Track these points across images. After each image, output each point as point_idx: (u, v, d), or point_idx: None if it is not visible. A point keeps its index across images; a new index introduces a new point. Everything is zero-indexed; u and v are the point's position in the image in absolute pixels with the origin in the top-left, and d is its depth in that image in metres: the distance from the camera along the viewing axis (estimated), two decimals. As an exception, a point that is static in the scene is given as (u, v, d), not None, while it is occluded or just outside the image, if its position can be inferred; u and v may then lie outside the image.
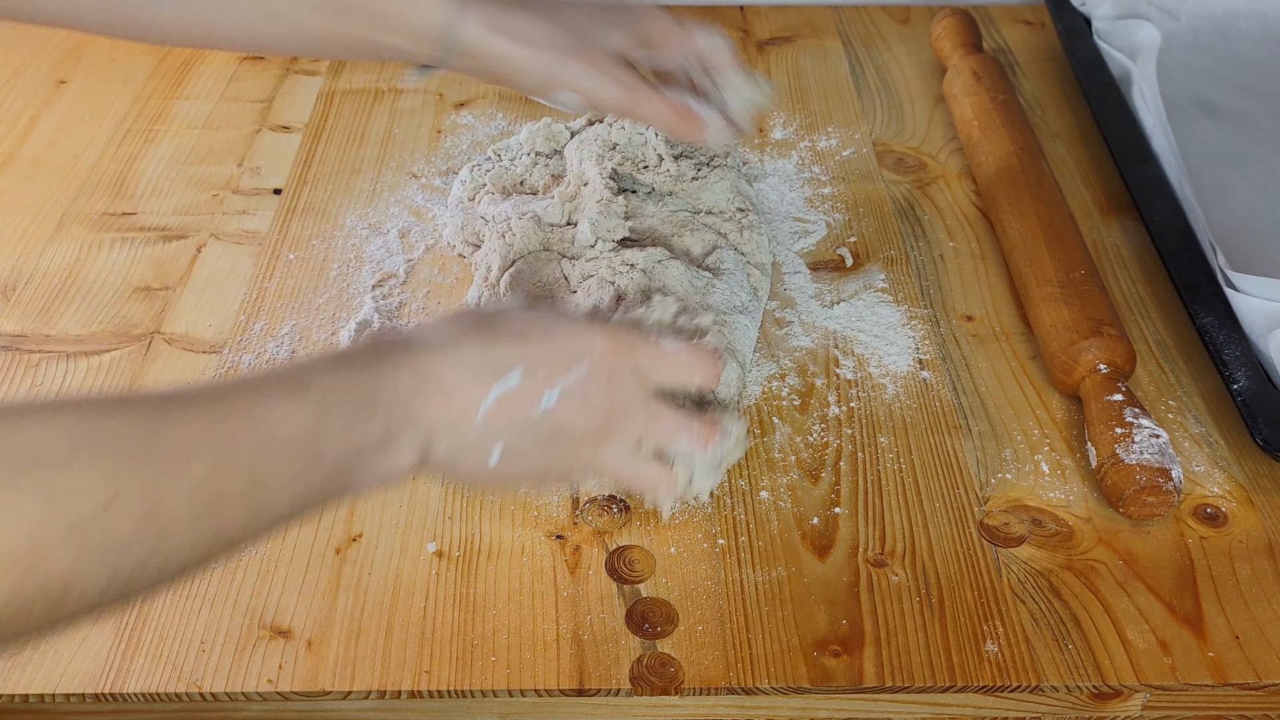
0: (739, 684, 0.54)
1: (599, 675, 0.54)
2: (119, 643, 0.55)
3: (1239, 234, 0.78)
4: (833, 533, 0.60)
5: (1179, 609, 0.57)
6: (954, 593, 0.58)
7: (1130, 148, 0.83)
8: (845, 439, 0.66)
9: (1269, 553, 0.60)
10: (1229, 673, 0.55)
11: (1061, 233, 0.74)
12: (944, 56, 0.97)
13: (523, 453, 0.52)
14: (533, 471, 0.54)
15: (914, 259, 0.79)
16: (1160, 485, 0.59)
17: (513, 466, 0.52)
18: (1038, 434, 0.66)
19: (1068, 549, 0.60)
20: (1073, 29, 0.97)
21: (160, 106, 0.94)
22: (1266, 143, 0.89)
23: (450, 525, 0.61)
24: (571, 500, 0.62)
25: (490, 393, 0.51)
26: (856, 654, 0.55)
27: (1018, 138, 0.82)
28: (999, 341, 0.72)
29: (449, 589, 0.58)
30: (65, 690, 0.53)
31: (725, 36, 0.66)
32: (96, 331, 0.72)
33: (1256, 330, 0.67)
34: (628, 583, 0.58)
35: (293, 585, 0.58)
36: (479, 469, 0.52)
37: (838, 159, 0.88)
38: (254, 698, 0.54)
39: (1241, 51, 0.99)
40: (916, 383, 0.69)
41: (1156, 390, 0.69)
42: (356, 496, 0.52)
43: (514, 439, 0.52)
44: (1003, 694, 0.54)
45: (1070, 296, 0.69)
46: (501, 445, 0.51)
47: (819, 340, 0.72)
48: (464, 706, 0.54)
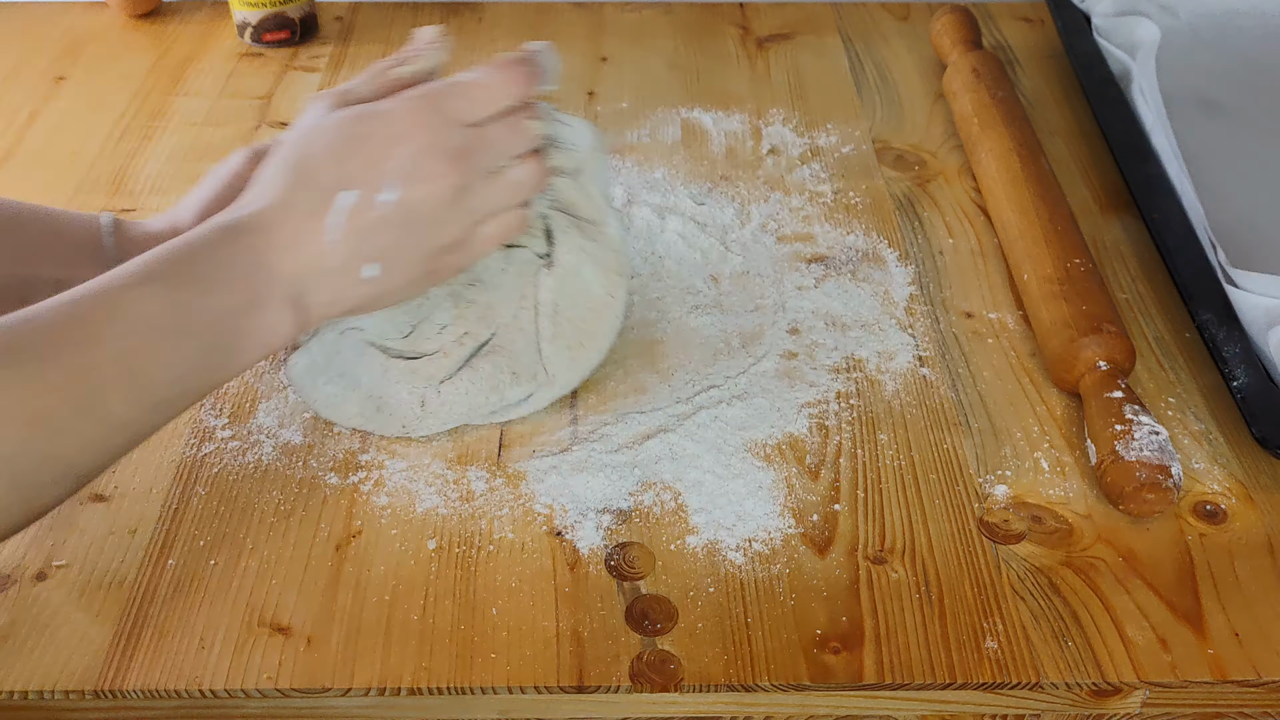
0: (739, 681, 0.54)
1: (599, 672, 0.54)
2: (118, 639, 0.55)
3: (1239, 231, 0.78)
4: (832, 530, 0.60)
5: (1179, 606, 0.57)
6: (953, 590, 0.58)
7: (1130, 145, 0.83)
8: (845, 436, 0.66)
9: (1268, 549, 0.60)
10: (1229, 670, 0.55)
11: (1061, 230, 0.74)
12: (944, 53, 0.97)
13: (395, 255, 0.53)
14: (419, 268, 0.55)
15: (913, 256, 0.79)
16: (1160, 482, 0.59)
17: (395, 274, 0.54)
18: (1037, 431, 0.66)
19: (1067, 546, 0.60)
20: (1072, 26, 0.97)
21: (159, 103, 0.94)
22: (1266, 139, 0.89)
23: (450, 522, 0.61)
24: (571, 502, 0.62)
25: (329, 224, 0.52)
26: (856, 651, 0.55)
27: (1017, 135, 0.82)
28: (998, 338, 0.72)
29: (448, 586, 0.58)
30: (64, 687, 0.53)
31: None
32: (95, 328, 0.72)
33: (1256, 327, 0.67)
34: (627, 580, 0.58)
35: (292, 582, 0.58)
36: (362, 292, 0.53)
37: (837, 156, 0.88)
38: (253, 694, 0.54)
39: (1241, 48, 0.99)
40: (916, 380, 0.69)
41: (1156, 387, 0.69)
42: (248, 366, 0.53)
43: (377, 247, 0.53)
44: (1002, 691, 0.54)
45: (1070, 293, 0.69)
46: (369, 260, 0.52)
47: (817, 338, 0.72)
48: (464, 703, 0.54)
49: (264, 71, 0.99)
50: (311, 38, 1.04)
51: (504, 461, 0.64)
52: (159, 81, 0.97)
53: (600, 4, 1.09)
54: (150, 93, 0.96)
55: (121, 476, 0.63)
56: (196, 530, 0.60)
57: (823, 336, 0.72)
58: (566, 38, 1.04)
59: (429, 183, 0.53)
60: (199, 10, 1.07)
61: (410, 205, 0.53)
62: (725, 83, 0.98)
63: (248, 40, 1.02)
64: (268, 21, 1.00)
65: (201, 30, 1.04)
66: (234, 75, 0.98)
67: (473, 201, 0.55)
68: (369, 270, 0.53)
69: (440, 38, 0.60)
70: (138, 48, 1.02)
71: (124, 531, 0.60)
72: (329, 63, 1.00)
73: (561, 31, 1.05)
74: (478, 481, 0.63)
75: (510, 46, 1.02)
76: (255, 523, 0.61)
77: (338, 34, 1.04)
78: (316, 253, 0.52)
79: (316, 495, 0.62)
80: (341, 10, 1.08)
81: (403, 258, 0.54)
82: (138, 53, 1.01)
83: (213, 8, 1.08)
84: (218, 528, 0.60)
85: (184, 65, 0.99)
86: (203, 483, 0.63)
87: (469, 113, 0.55)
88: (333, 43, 1.03)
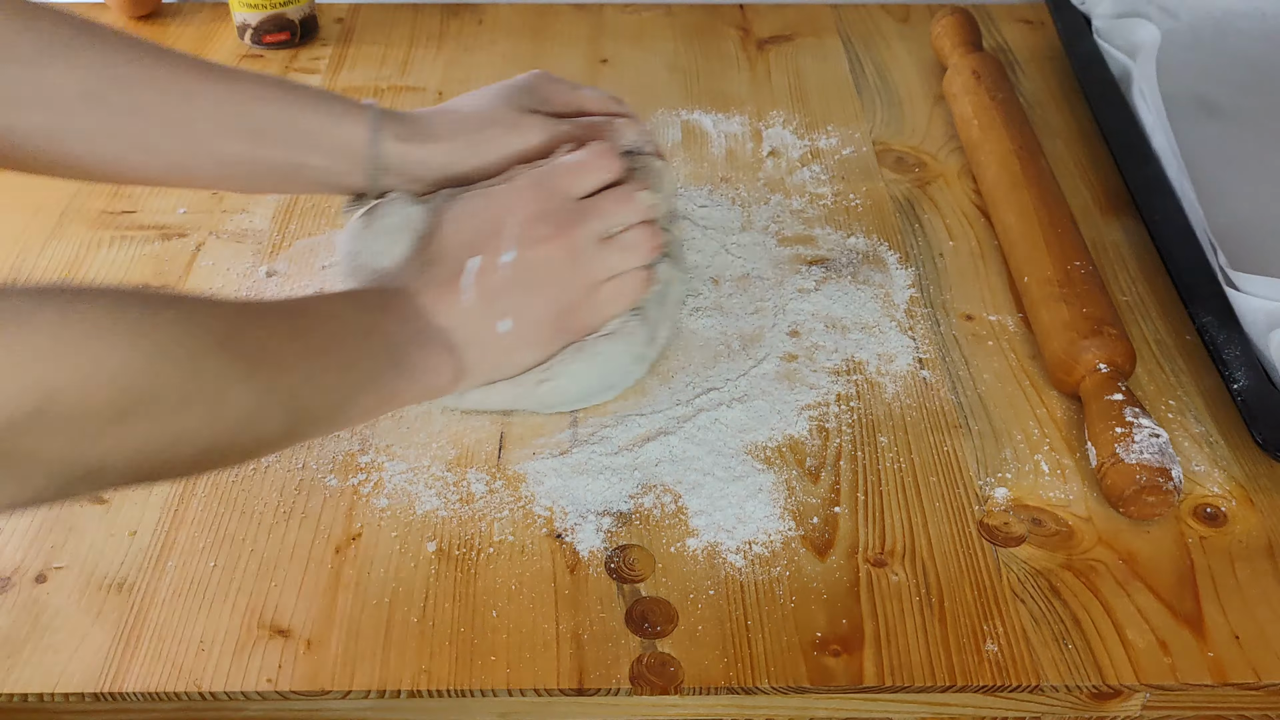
0: (739, 683, 0.54)
1: (599, 675, 0.54)
2: (118, 642, 0.55)
3: (1239, 233, 0.78)
4: (832, 532, 0.60)
5: (1179, 609, 0.57)
6: (954, 592, 0.58)
7: (1130, 146, 0.83)
8: (845, 438, 0.66)
9: (1269, 552, 0.60)
10: (1229, 672, 0.55)
11: (1061, 232, 0.74)
12: (944, 55, 0.97)
13: (523, 311, 0.61)
14: (548, 327, 0.62)
15: (913, 258, 0.79)
16: (1160, 485, 0.59)
17: (527, 331, 0.61)
18: (1037, 433, 0.66)
19: (1067, 549, 0.60)
20: (1072, 28, 0.97)
21: (159, 105, 0.94)
22: (1266, 141, 0.89)
23: (450, 524, 0.61)
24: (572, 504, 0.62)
25: (462, 285, 0.60)
26: (856, 654, 0.55)
27: (1017, 136, 0.82)
28: (999, 341, 0.72)
29: (448, 588, 0.58)
30: (64, 690, 0.53)
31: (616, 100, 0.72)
32: (95, 330, 0.72)
33: (1257, 330, 0.67)
34: (627, 582, 0.58)
35: (292, 585, 0.58)
36: (501, 348, 0.61)
37: (837, 158, 0.88)
38: (253, 697, 0.54)
39: (1241, 50, 0.99)
40: (916, 382, 0.69)
41: (1156, 390, 0.69)
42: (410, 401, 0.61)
43: (506, 305, 0.60)
44: (1002, 694, 0.54)
45: (1070, 296, 0.69)
46: (502, 316, 0.60)
47: (817, 340, 0.72)
48: (463, 706, 0.54)
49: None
50: (311, 39, 1.04)
51: (504, 464, 0.64)
52: (159, 83, 0.97)
53: (600, 6, 1.09)
54: (150, 94, 0.95)
55: (121, 479, 0.63)
56: (196, 532, 0.60)
57: (823, 339, 0.72)
58: (566, 39, 1.04)
59: (541, 244, 0.61)
60: (199, 12, 1.07)
61: (528, 264, 0.61)
62: (725, 84, 0.98)
63: (248, 42, 1.02)
64: (268, 23, 1.00)
65: (201, 32, 1.04)
66: (234, 77, 0.98)
67: (588, 264, 0.62)
68: (503, 325, 0.60)
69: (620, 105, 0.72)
70: (138, 49, 1.02)
71: (124, 533, 0.60)
72: (329, 64, 1.00)
73: (561, 33, 1.05)
74: (477, 484, 0.63)
75: (511, 48, 1.03)
76: (255, 525, 0.61)
77: (338, 36, 1.04)
78: (458, 311, 0.59)
79: (316, 497, 0.62)
80: (342, 12, 1.08)
81: (530, 314, 0.61)
82: (138, 54, 1.01)
83: (213, 9, 1.08)
84: (217, 530, 0.60)
85: (184, 67, 0.99)
86: (202, 485, 0.63)
87: (575, 188, 0.64)
88: (333, 44, 1.03)
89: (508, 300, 0.60)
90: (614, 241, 0.64)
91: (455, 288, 0.59)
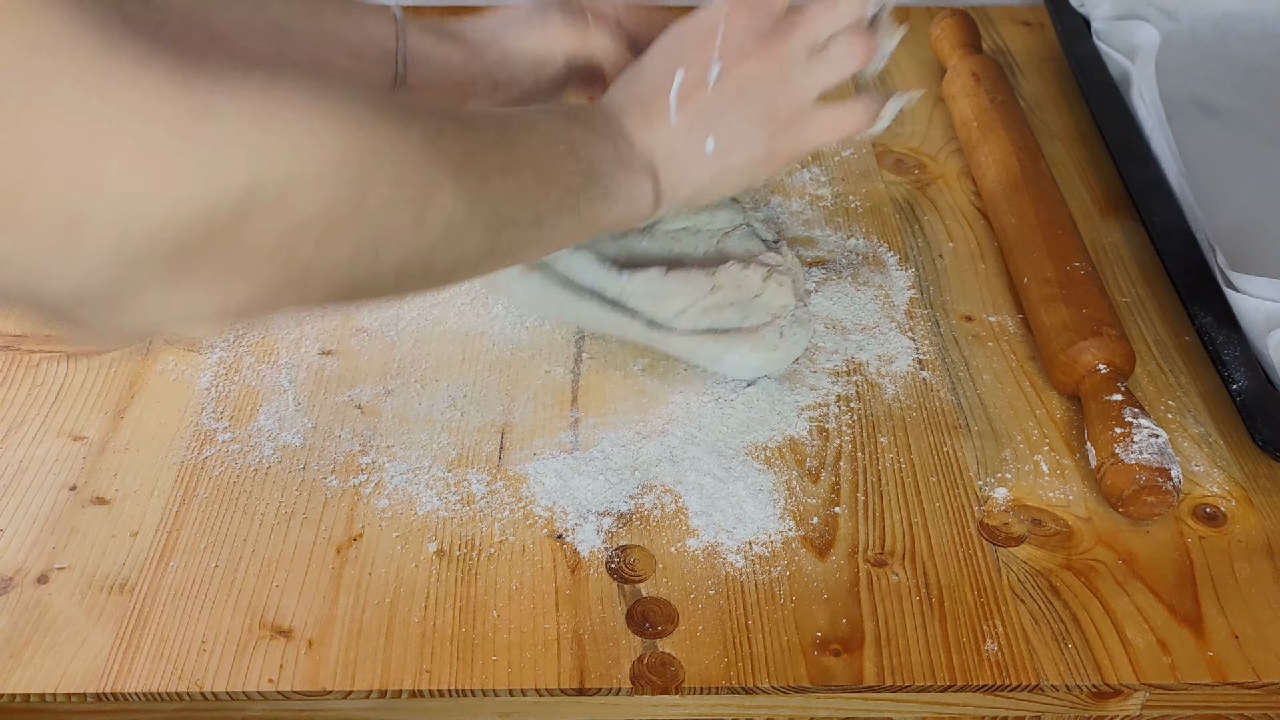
0: (739, 683, 0.54)
1: (599, 674, 0.54)
2: (120, 642, 0.55)
3: (1238, 234, 0.78)
4: (832, 532, 0.61)
5: (1178, 608, 0.57)
6: (954, 592, 0.58)
7: (1129, 148, 0.83)
8: (845, 439, 0.66)
9: (1268, 552, 0.60)
10: (1228, 672, 0.55)
11: (1061, 233, 0.74)
12: (943, 57, 0.97)
13: (730, 130, 0.58)
14: (757, 147, 0.59)
15: (913, 259, 0.79)
16: (1159, 485, 0.59)
17: (733, 151, 0.59)
18: (1037, 434, 0.66)
19: (1067, 549, 0.60)
20: (1072, 30, 0.97)
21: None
22: (1266, 143, 0.89)
23: (450, 525, 0.61)
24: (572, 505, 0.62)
25: (670, 104, 0.58)
26: (856, 653, 0.55)
27: (1017, 138, 0.82)
28: (998, 341, 0.72)
29: (450, 588, 0.58)
30: (66, 690, 0.53)
31: None
32: (97, 331, 0.72)
33: (1256, 330, 0.67)
34: (628, 582, 0.58)
35: (293, 585, 0.58)
36: (707, 171, 0.59)
37: (837, 159, 0.88)
38: (255, 697, 0.54)
39: (1240, 52, 0.99)
40: (916, 383, 0.69)
41: (1156, 390, 0.69)
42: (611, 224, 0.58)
43: (713, 122, 0.58)
44: (1002, 693, 0.55)
45: (1070, 297, 0.69)
46: (708, 134, 0.58)
47: (817, 341, 0.72)
48: (464, 706, 0.54)
49: (265, 75, 0.99)
50: (312, 42, 1.03)
51: (504, 464, 0.64)
52: (160, 85, 0.97)
53: (600, 8, 1.09)
54: (151, 97, 0.96)
55: (122, 479, 0.63)
56: (197, 533, 0.60)
57: (823, 340, 0.72)
58: (567, 42, 1.04)
59: (751, 58, 0.58)
60: (200, 14, 1.07)
61: (737, 80, 0.58)
62: (725, 87, 0.98)
63: (249, 44, 1.02)
64: (269, 26, 1.00)
65: (202, 34, 1.05)
66: (235, 79, 0.98)
67: (799, 77, 0.59)
68: (709, 143, 0.58)
69: None
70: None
71: (125, 534, 0.60)
72: (330, 67, 1.00)
73: (562, 35, 1.05)
74: (478, 484, 0.63)
75: (511, 50, 1.02)
76: (256, 525, 0.61)
77: (338, 38, 1.04)
78: (663, 130, 0.57)
79: (317, 498, 0.62)
80: (342, 14, 1.08)
81: (738, 133, 0.59)
82: (139, 57, 1.01)
83: (214, 12, 1.08)
84: (219, 530, 0.61)
85: (185, 69, 0.99)
86: (204, 485, 0.63)
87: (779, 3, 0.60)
88: (333, 47, 1.03)
89: (714, 118, 0.58)
90: (823, 55, 0.60)
91: (660, 106, 0.58)
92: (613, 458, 0.64)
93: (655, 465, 0.64)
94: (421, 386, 0.69)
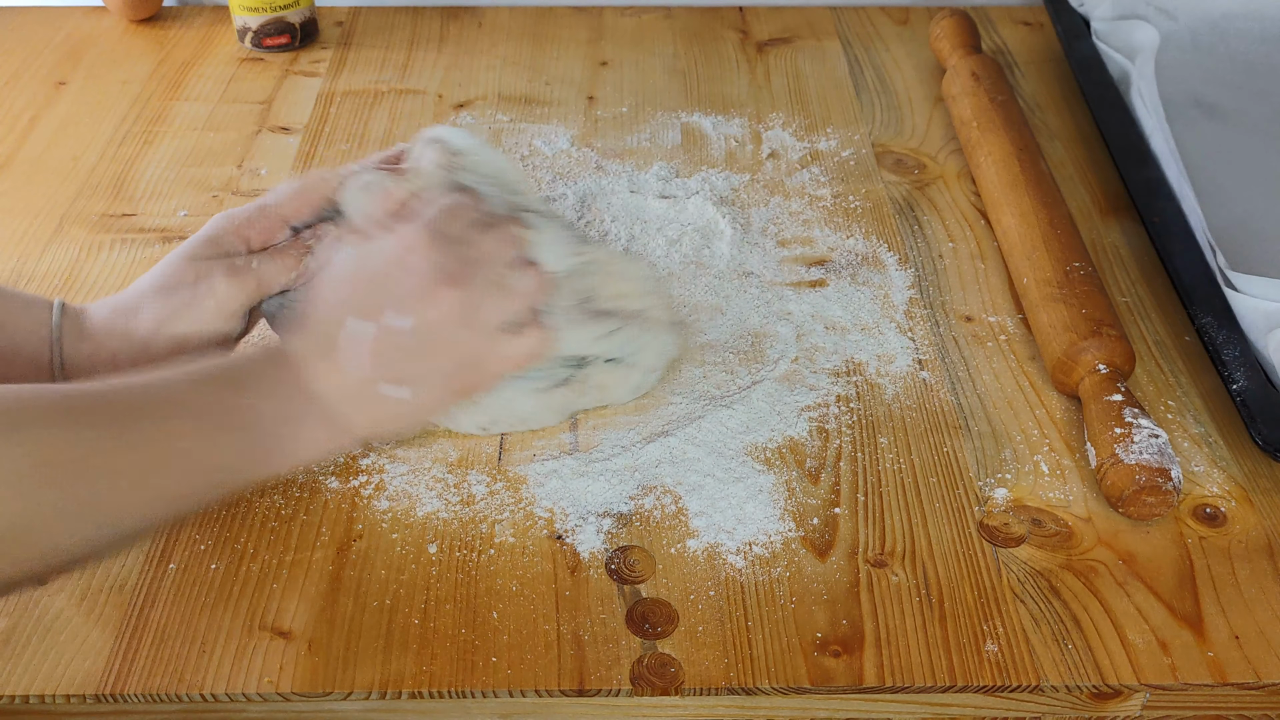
0: (739, 684, 0.54)
1: (599, 676, 0.54)
2: (119, 644, 0.55)
3: (1238, 234, 0.78)
4: (832, 533, 0.61)
5: (1178, 609, 0.57)
6: (954, 593, 0.58)
7: (1129, 148, 0.83)
8: (845, 440, 0.66)
9: (1268, 552, 0.60)
10: (1228, 672, 0.55)
11: (1061, 233, 0.74)
12: (943, 57, 0.97)
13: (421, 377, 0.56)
14: (448, 386, 0.58)
15: (913, 260, 0.79)
16: (1159, 485, 0.59)
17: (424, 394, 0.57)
18: (1037, 434, 0.66)
19: (1067, 549, 0.60)
20: (1071, 30, 0.97)
21: (160, 108, 0.94)
22: (1265, 143, 0.89)
23: (451, 526, 0.61)
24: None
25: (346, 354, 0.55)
26: (856, 654, 0.55)
27: (1017, 138, 0.82)
28: (998, 342, 0.72)
29: (449, 589, 0.58)
30: (65, 691, 0.53)
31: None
32: (96, 333, 0.72)
33: (1255, 330, 0.67)
34: (628, 583, 0.58)
35: (293, 586, 0.58)
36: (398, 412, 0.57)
37: (837, 160, 0.88)
38: (254, 699, 0.54)
39: (1240, 52, 0.99)
40: (916, 383, 0.69)
41: (1156, 390, 0.69)
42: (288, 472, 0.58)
43: (401, 371, 0.56)
44: (1003, 694, 0.54)
45: (1069, 297, 0.69)
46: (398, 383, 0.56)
47: (817, 342, 0.72)
48: (464, 707, 0.54)
49: (264, 76, 0.99)
50: (312, 42, 1.04)
51: (504, 465, 0.64)
52: (159, 86, 0.97)
53: (600, 8, 1.10)
54: (150, 98, 0.96)
55: (122, 481, 0.63)
56: (197, 534, 0.60)
57: (822, 340, 0.72)
58: (567, 42, 1.04)
59: (438, 305, 0.55)
60: (199, 15, 1.08)
61: (426, 328, 0.56)
62: (725, 87, 0.98)
63: (248, 45, 1.02)
64: (268, 26, 1.01)
65: (202, 35, 1.05)
66: (234, 80, 0.98)
67: (484, 315, 0.57)
68: (399, 392, 0.56)
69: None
70: (138, 53, 1.02)
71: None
72: (329, 67, 1.00)
73: (561, 36, 1.05)
74: (478, 485, 0.63)
75: (511, 51, 1.03)
76: (256, 527, 0.61)
77: (338, 39, 1.05)
78: (343, 382, 0.55)
79: (317, 499, 0.62)
80: (342, 15, 1.08)
81: (428, 378, 0.57)
82: (138, 58, 1.02)
83: (213, 12, 1.08)
84: (218, 532, 0.61)
85: (184, 70, 1.00)
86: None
87: (457, 230, 0.58)
88: (333, 47, 1.03)
89: (402, 367, 0.56)
90: (503, 287, 0.58)
91: (343, 356, 0.55)
92: (613, 459, 0.64)
93: (655, 466, 0.64)
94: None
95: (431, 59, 1.02)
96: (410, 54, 1.02)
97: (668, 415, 0.67)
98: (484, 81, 0.98)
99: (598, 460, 0.64)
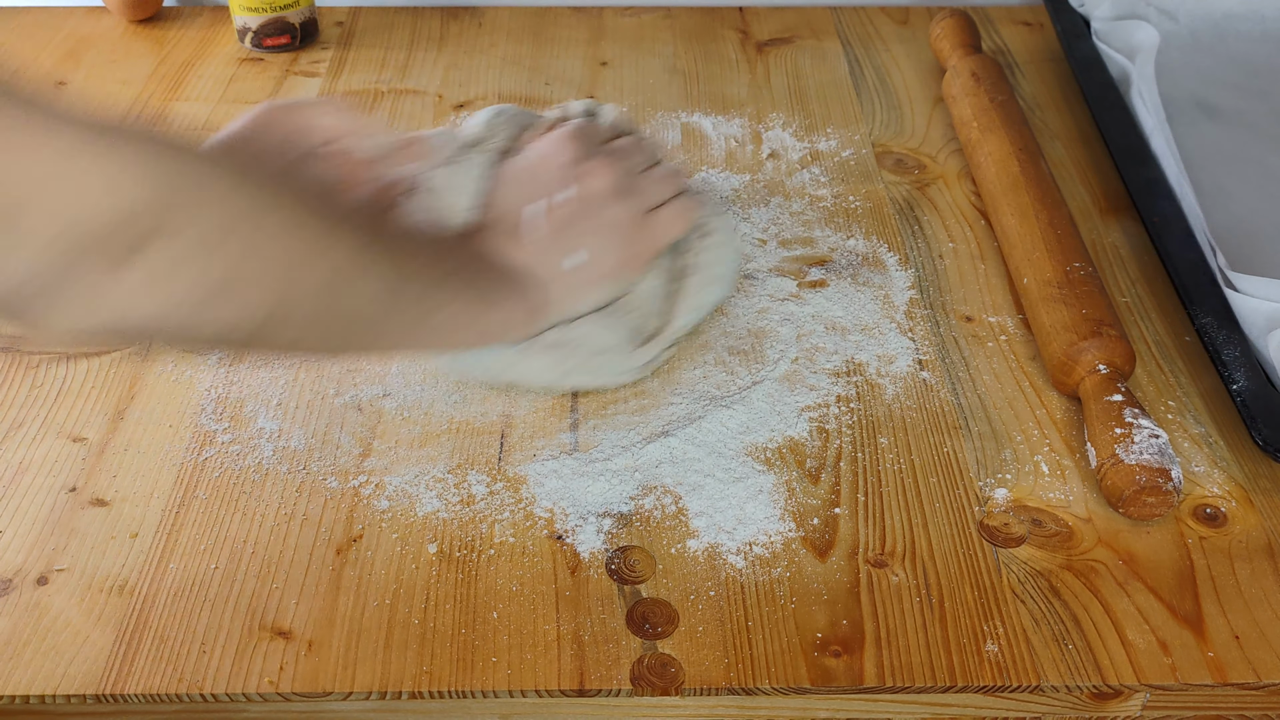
0: (739, 684, 0.54)
1: (599, 676, 0.54)
2: (119, 644, 0.55)
3: (1238, 234, 0.78)
4: (833, 533, 0.61)
5: (1179, 609, 0.57)
6: (954, 593, 0.58)
7: (1129, 148, 0.83)
8: (845, 440, 0.66)
9: (1269, 553, 0.60)
10: (1229, 673, 0.55)
11: (1061, 233, 0.74)
12: (943, 57, 0.97)
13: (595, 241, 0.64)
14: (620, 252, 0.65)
15: (913, 260, 0.79)
16: (1160, 485, 0.59)
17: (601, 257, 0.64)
18: (1037, 434, 0.66)
19: (1068, 549, 0.60)
20: (1071, 30, 0.97)
21: (160, 108, 0.94)
22: (1265, 143, 0.89)
23: (451, 526, 0.61)
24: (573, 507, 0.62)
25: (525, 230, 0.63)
26: (857, 654, 0.55)
27: (1017, 139, 0.82)
28: (998, 342, 0.72)
29: (449, 590, 0.58)
30: (65, 691, 0.53)
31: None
32: (96, 333, 0.72)
33: (1256, 330, 0.67)
34: (628, 583, 0.58)
35: (293, 586, 0.58)
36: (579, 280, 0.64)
37: (837, 160, 0.88)
38: (255, 699, 0.54)
39: (1240, 52, 0.99)
40: (916, 383, 0.69)
41: (1156, 390, 0.69)
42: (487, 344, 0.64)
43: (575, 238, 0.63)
44: (1003, 694, 0.54)
45: (1070, 297, 0.69)
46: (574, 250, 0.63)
47: (817, 342, 0.72)
48: (464, 707, 0.54)
49: (264, 76, 0.99)
50: (312, 43, 1.04)
51: (504, 465, 0.64)
52: (159, 87, 0.97)
53: (600, 8, 1.10)
54: (150, 98, 0.96)
55: (122, 481, 0.63)
56: (197, 534, 0.60)
57: (823, 340, 0.72)
58: (566, 42, 1.04)
59: (594, 176, 0.65)
60: (199, 15, 1.08)
61: (586, 197, 0.64)
62: (725, 87, 0.98)
63: (248, 45, 1.02)
64: (268, 27, 1.01)
65: (202, 35, 1.05)
66: (234, 80, 0.98)
67: (631, 194, 0.66)
68: (577, 258, 0.64)
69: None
70: (138, 53, 1.02)
71: (125, 535, 0.60)
72: (329, 68, 1.00)
73: (561, 36, 1.05)
74: (478, 485, 0.63)
75: (511, 51, 1.03)
76: (256, 527, 0.61)
77: (338, 39, 1.05)
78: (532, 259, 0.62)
79: (317, 499, 0.62)
80: (342, 15, 1.08)
81: (599, 241, 0.64)
82: (138, 58, 1.02)
83: (213, 13, 1.08)
84: (218, 532, 0.61)
85: (184, 70, 1.00)
86: (203, 486, 0.63)
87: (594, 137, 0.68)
88: (333, 47, 1.03)
89: (575, 234, 0.64)
90: (649, 173, 0.68)
91: (526, 229, 0.63)
92: (613, 459, 0.64)
93: (655, 466, 0.64)
94: (422, 388, 0.69)
95: (431, 59, 1.02)
96: (410, 54, 1.02)
97: (668, 415, 0.67)
98: (484, 81, 0.98)
99: (598, 460, 0.64)
